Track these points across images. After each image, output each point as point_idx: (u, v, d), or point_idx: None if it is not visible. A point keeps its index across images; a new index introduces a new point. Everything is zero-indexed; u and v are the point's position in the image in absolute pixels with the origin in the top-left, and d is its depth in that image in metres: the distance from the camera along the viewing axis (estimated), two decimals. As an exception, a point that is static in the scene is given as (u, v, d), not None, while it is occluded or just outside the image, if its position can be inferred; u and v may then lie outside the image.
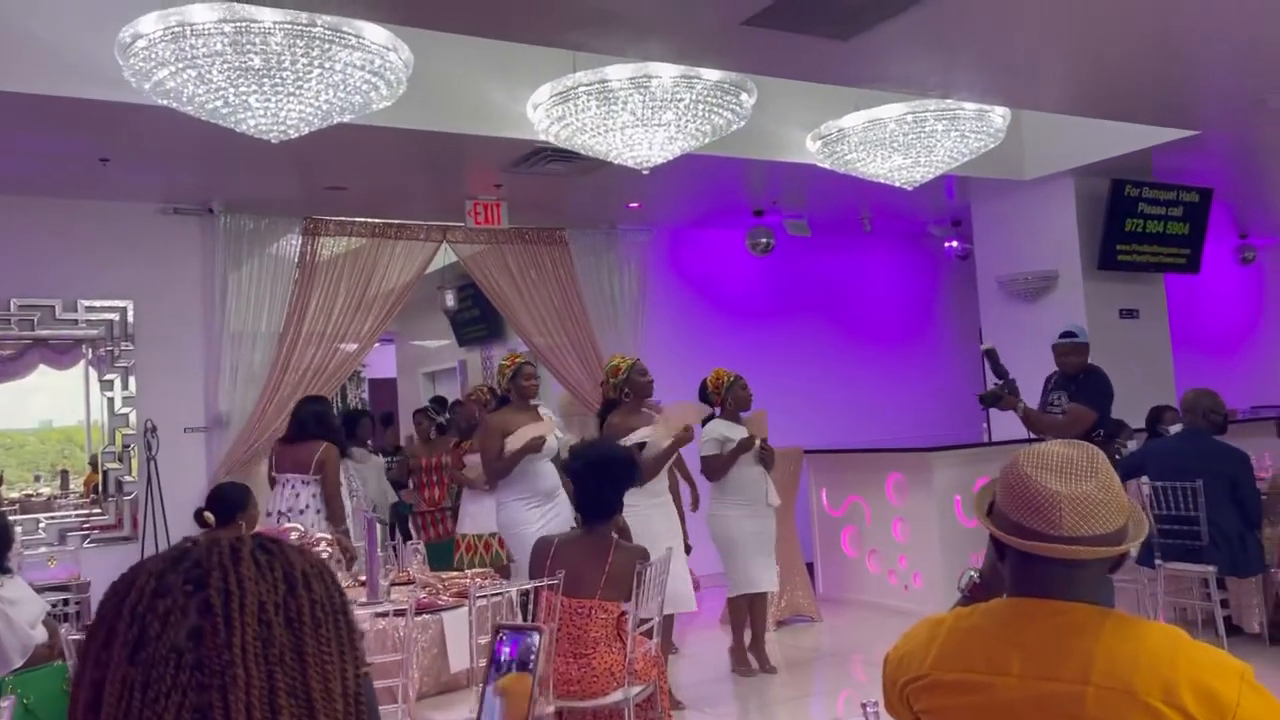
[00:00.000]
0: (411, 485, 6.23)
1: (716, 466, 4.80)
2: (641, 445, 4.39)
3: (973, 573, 1.62)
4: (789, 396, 7.35)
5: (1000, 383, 4.84)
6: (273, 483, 5.24)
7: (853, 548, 6.51)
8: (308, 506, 5.10)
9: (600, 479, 3.23)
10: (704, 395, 4.97)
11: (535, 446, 4.41)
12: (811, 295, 8.20)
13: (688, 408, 4.65)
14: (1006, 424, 6.42)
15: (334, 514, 4.92)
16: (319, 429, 5.12)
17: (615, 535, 3.33)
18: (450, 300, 8.10)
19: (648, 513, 4.39)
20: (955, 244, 8.15)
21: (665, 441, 4.41)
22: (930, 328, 8.78)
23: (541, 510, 4.45)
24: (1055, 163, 6.49)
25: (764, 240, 7.13)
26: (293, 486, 5.15)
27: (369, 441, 6.54)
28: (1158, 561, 4.44)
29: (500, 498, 4.61)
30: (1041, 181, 6.65)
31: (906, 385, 8.45)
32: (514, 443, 4.46)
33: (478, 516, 5.41)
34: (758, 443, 4.80)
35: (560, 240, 6.84)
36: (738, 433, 4.82)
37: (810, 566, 6.44)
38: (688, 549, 4.76)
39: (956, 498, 5.99)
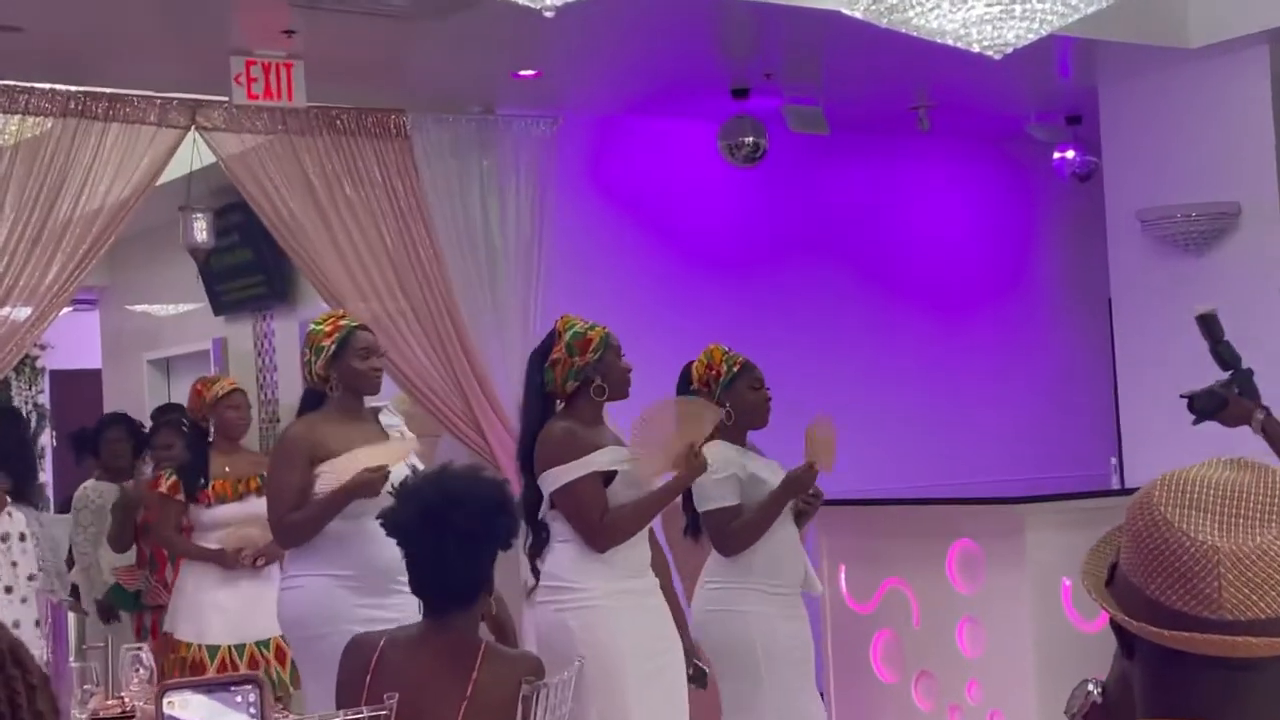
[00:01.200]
0: (135, 556, 6.17)
1: (745, 528, 4.66)
2: (609, 478, 4.30)
3: (1092, 686, 1.65)
4: (786, 402, 7.37)
5: (1228, 376, 4.64)
6: None
7: (890, 667, 6.58)
8: None
9: (452, 535, 3.19)
10: (684, 393, 4.85)
11: (373, 485, 4.23)
12: (827, 234, 8.26)
13: (693, 409, 4.46)
14: (1151, 457, 6.54)
15: None
16: (18, 463, 5.20)
17: (483, 637, 3.33)
18: (201, 233, 8.01)
19: (615, 604, 4.26)
20: (1071, 155, 8.26)
21: (653, 476, 4.29)
22: (1026, 291, 8.93)
23: (376, 601, 4.31)
24: (1238, 21, 6.61)
25: (750, 140, 7.19)
26: None
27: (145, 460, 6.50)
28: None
29: (292, 570, 4.52)
30: (1214, 53, 6.77)
31: (984, 389, 8.56)
32: (334, 475, 4.31)
33: (238, 614, 5.39)
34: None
35: (398, 131, 6.83)
36: (761, 467, 4.74)
37: (820, 698, 6.48)
38: (698, 672, 4.63)
39: (1065, 583, 6.08)
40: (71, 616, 3.73)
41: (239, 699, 1.57)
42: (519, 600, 6.77)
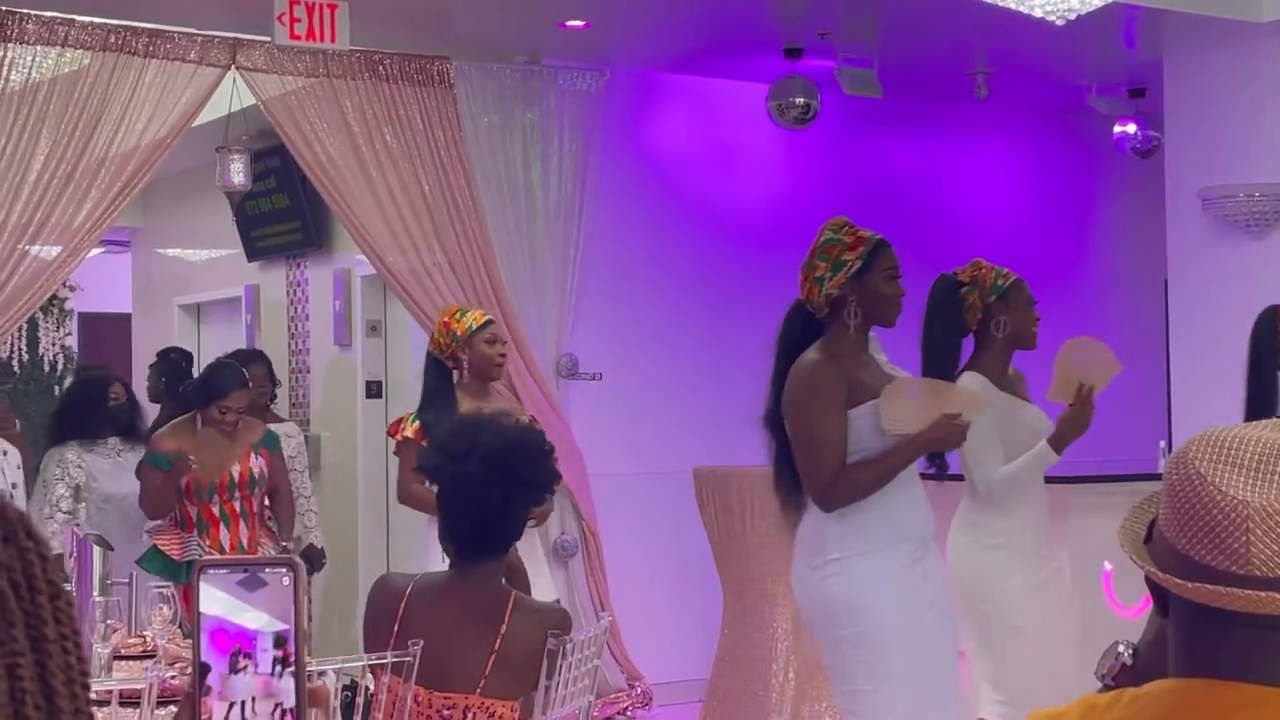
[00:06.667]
0: (174, 519, 5.71)
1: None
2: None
3: (1122, 648, 1.71)
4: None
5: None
6: None
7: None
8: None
9: (517, 482, 3.22)
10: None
11: (958, 434, 3.89)
12: (877, 202, 8.22)
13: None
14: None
15: None
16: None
17: (509, 585, 3.36)
18: (238, 175, 7.99)
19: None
20: (1133, 129, 8.21)
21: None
22: (1080, 269, 8.91)
23: (914, 571, 3.92)
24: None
25: (801, 101, 7.20)
26: None
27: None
28: None
29: (834, 550, 3.86)
30: (1288, 26, 6.78)
31: (1034, 366, 8.53)
32: (900, 420, 3.80)
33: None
34: None
35: (441, 79, 6.87)
36: None
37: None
38: None
39: (1107, 568, 6.10)
40: (97, 551, 3.78)
41: (272, 581, 1.63)
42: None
